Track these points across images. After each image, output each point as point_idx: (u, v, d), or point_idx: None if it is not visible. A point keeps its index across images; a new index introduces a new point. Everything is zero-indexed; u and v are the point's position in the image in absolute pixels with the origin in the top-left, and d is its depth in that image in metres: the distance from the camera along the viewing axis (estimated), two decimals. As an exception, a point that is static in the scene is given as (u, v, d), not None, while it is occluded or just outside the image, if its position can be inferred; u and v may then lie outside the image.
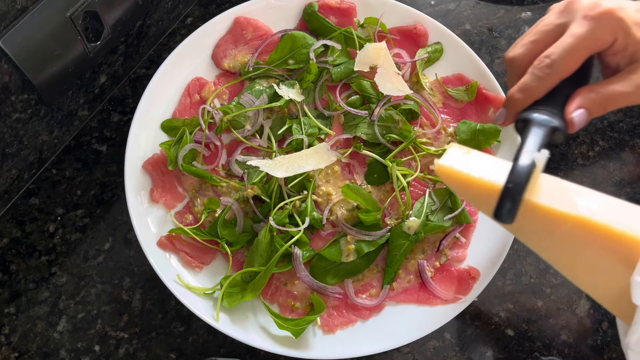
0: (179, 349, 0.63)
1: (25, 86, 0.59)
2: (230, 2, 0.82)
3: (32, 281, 0.66)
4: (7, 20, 0.53)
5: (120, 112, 0.75)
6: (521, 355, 0.64)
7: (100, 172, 0.72)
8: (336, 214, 0.65)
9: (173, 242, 0.63)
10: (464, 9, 0.84)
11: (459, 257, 0.65)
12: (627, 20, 0.46)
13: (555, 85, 0.48)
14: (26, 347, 0.63)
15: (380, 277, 0.64)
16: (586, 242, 0.41)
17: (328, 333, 0.61)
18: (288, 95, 0.67)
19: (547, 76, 0.47)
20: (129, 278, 0.67)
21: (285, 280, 0.63)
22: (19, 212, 0.69)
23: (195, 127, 0.68)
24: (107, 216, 0.70)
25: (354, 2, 0.73)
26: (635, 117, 0.77)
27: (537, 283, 0.67)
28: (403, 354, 0.64)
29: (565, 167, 0.74)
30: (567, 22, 0.48)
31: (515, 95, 0.49)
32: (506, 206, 0.41)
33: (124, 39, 0.72)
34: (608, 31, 0.46)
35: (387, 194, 0.67)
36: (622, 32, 0.46)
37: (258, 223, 0.65)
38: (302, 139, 0.67)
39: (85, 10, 0.60)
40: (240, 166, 0.67)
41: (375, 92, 0.70)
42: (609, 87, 0.47)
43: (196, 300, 0.61)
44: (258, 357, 0.63)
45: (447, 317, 0.60)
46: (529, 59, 0.50)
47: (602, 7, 0.46)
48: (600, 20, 0.46)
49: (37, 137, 0.67)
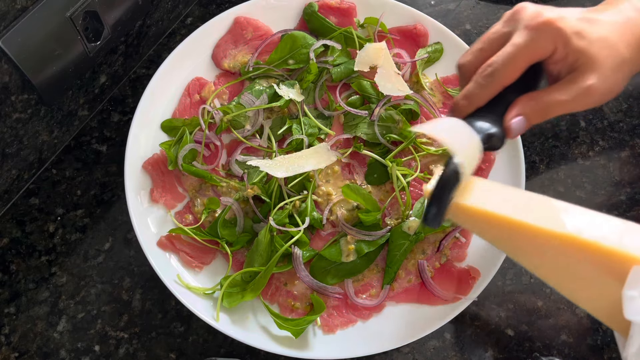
0: (179, 349, 0.63)
1: (25, 86, 0.59)
2: (230, 2, 0.82)
3: (32, 281, 0.66)
4: (7, 20, 0.53)
5: (120, 112, 0.75)
6: (521, 355, 0.64)
7: (100, 172, 0.72)
8: (336, 214, 0.65)
9: (173, 242, 0.63)
10: (464, 9, 0.84)
11: (459, 257, 0.65)
12: (567, 30, 0.46)
13: (497, 92, 0.49)
14: (26, 347, 0.63)
15: (380, 277, 0.64)
16: (576, 259, 0.42)
17: (328, 333, 0.61)
18: (288, 95, 0.67)
19: (488, 84, 0.48)
20: (129, 278, 0.67)
21: (285, 280, 0.63)
22: (19, 212, 0.69)
23: (195, 127, 0.68)
24: (107, 216, 0.70)
25: (354, 2, 0.73)
26: (635, 117, 0.77)
27: (537, 283, 0.67)
28: (403, 354, 0.64)
29: (565, 167, 0.74)
30: (511, 31, 0.49)
31: (459, 102, 0.51)
32: (432, 211, 0.42)
33: (124, 39, 0.72)
34: (547, 41, 0.47)
35: (387, 194, 0.67)
36: (562, 42, 0.47)
37: (258, 223, 0.65)
38: (302, 139, 0.67)
39: (85, 10, 0.60)
40: (240, 166, 0.67)
41: (375, 92, 0.70)
42: (549, 95, 0.48)
43: (196, 300, 0.61)
44: (258, 357, 0.63)
45: (447, 317, 0.60)
46: (475, 66, 0.51)
47: (542, 17, 0.47)
48: (540, 30, 0.47)
49: (37, 137, 0.67)
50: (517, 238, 0.44)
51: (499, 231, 0.45)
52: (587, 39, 0.47)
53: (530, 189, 0.71)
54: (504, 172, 0.67)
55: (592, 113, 0.77)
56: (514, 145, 0.68)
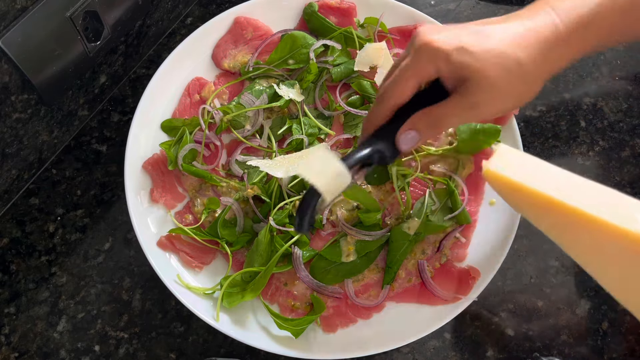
0: (179, 349, 0.63)
1: (25, 86, 0.59)
2: (230, 2, 0.82)
3: (32, 281, 0.66)
4: (7, 20, 0.53)
5: (120, 112, 0.75)
6: (521, 355, 0.64)
7: (100, 172, 0.72)
8: (336, 214, 0.65)
9: (173, 242, 0.63)
10: (464, 9, 0.84)
11: (459, 257, 0.65)
12: (446, 47, 0.47)
13: (392, 111, 0.52)
14: (26, 347, 0.63)
15: (380, 277, 0.64)
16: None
17: (328, 333, 0.61)
18: (288, 95, 0.67)
19: (381, 105, 0.52)
20: (129, 278, 0.67)
21: (285, 280, 0.63)
22: (19, 212, 0.69)
23: (195, 127, 0.68)
24: (107, 216, 0.70)
25: (354, 2, 0.73)
26: (635, 117, 0.77)
27: (537, 283, 0.67)
28: (403, 354, 0.64)
29: (565, 167, 0.73)
30: (407, 54, 0.51)
31: (364, 122, 0.54)
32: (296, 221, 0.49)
33: (124, 39, 0.72)
34: (427, 62, 0.49)
35: (387, 194, 0.67)
36: (443, 60, 0.48)
37: (258, 223, 0.65)
38: (302, 139, 0.67)
39: (85, 10, 0.60)
40: (240, 166, 0.67)
41: (375, 92, 0.70)
42: (440, 109, 0.49)
43: (196, 300, 0.61)
44: (258, 357, 0.63)
45: (447, 317, 0.60)
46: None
47: (421, 40, 0.49)
48: (420, 51, 0.49)
49: (37, 137, 0.67)
50: (579, 231, 0.42)
51: (556, 219, 0.44)
52: (470, 52, 0.47)
53: (530, 189, 0.71)
54: (504, 172, 0.67)
55: (592, 113, 0.77)
56: (514, 145, 0.68)
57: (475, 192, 0.67)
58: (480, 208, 0.67)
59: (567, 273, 0.68)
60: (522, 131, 0.74)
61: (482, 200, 0.67)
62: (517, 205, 0.49)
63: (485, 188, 0.67)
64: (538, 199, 0.45)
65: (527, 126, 0.76)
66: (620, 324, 0.65)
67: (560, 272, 0.68)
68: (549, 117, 0.76)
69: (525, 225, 0.69)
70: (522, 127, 0.75)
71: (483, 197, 0.67)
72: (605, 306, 0.66)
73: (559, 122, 0.76)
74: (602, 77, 0.79)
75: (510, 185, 0.47)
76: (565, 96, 0.78)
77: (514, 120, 0.68)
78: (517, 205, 0.49)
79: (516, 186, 0.46)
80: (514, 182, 0.46)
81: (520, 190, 0.46)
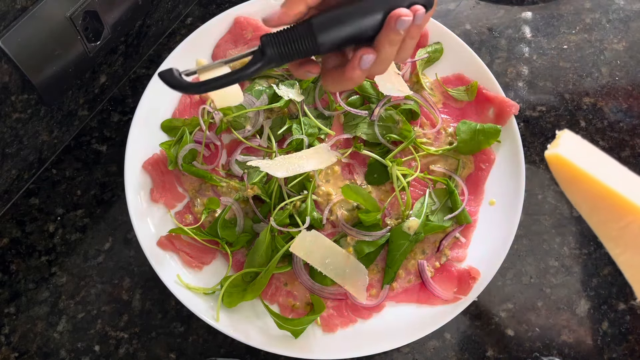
0: (179, 349, 0.63)
1: (25, 86, 0.59)
2: (230, 2, 0.82)
3: (32, 281, 0.66)
4: (7, 20, 0.53)
5: (120, 112, 0.75)
6: (521, 355, 0.64)
7: (100, 172, 0.72)
8: (336, 214, 0.65)
9: (173, 242, 0.63)
10: (464, 9, 0.84)
11: (459, 257, 0.65)
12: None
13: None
14: (26, 347, 0.63)
15: (380, 277, 0.64)
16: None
17: (328, 333, 0.61)
18: (288, 95, 0.67)
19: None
20: (129, 278, 0.67)
21: (285, 281, 0.63)
22: (19, 212, 0.69)
23: (195, 127, 0.68)
24: (107, 216, 0.70)
25: (354, 2, 0.73)
26: (635, 117, 0.77)
27: (537, 283, 0.67)
28: (403, 354, 0.64)
29: (565, 167, 0.74)
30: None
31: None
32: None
33: (124, 39, 0.72)
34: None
35: (387, 194, 0.67)
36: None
37: (258, 223, 0.65)
38: (302, 139, 0.67)
39: (85, 10, 0.60)
40: (240, 166, 0.67)
41: (375, 92, 0.70)
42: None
43: (196, 300, 0.61)
44: (258, 357, 0.63)
45: (447, 317, 0.60)
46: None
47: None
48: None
49: (37, 137, 0.67)
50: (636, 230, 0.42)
51: (613, 216, 0.44)
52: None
53: (530, 189, 0.71)
54: (504, 172, 0.67)
55: (592, 113, 0.77)
56: (514, 145, 0.68)
57: (475, 192, 0.67)
58: (480, 208, 0.67)
59: (567, 273, 0.68)
60: (522, 131, 0.74)
61: (482, 200, 0.67)
62: (575, 194, 0.47)
63: (485, 188, 0.67)
64: (602, 192, 0.43)
65: (527, 126, 0.76)
66: (620, 324, 0.65)
67: (560, 272, 0.68)
68: (549, 117, 0.76)
69: (525, 225, 0.69)
70: (522, 127, 0.75)
71: (483, 197, 0.67)
72: (605, 306, 0.66)
73: (559, 122, 0.76)
74: (602, 77, 0.79)
75: (576, 173, 0.45)
76: (565, 96, 0.78)
77: (514, 120, 0.68)
78: (574, 193, 0.47)
79: (582, 175, 0.45)
80: (580, 171, 0.45)
81: (585, 180, 0.44)
